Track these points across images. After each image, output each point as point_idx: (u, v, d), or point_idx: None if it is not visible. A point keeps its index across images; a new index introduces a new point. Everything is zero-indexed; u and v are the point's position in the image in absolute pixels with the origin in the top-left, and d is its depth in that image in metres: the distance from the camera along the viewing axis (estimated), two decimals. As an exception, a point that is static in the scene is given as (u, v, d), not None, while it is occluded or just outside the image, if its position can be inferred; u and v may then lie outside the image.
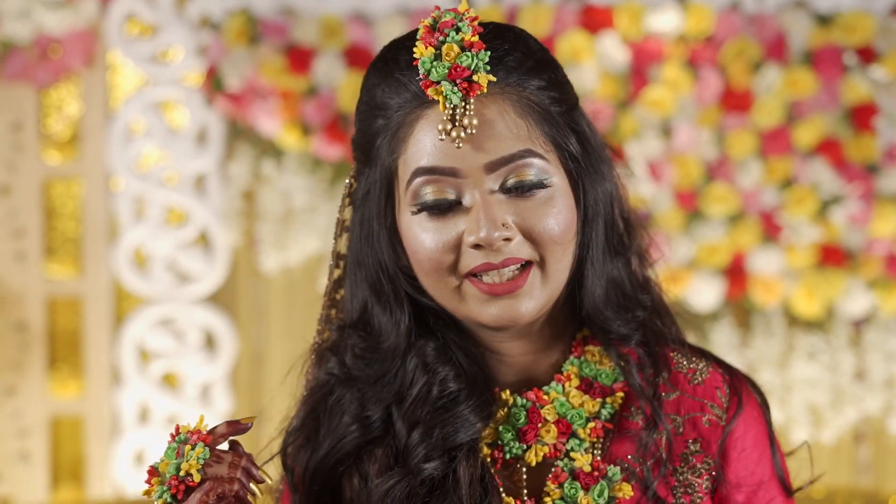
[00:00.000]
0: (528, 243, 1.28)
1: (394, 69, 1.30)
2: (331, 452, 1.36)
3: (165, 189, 3.61)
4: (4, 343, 3.64)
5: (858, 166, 3.44)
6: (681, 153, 3.46)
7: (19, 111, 3.65)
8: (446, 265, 1.28)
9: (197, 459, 1.20)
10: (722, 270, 3.49)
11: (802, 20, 3.45)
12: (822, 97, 3.44)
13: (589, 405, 1.35)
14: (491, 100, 1.26)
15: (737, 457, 1.36)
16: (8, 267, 3.65)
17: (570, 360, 1.37)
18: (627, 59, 3.45)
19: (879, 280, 3.46)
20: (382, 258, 1.35)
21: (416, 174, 1.27)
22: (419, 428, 1.31)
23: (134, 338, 3.63)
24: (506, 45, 1.29)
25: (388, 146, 1.31)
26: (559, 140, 1.30)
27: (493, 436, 1.35)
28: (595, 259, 1.34)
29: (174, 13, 3.58)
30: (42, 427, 3.67)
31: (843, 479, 3.62)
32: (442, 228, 1.28)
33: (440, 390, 1.33)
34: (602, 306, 1.35)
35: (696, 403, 1.36)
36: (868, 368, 3.52)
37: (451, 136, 1.23)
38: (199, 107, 3.58)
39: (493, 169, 1.26)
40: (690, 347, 1.42)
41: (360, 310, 1.38)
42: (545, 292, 1.29)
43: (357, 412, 1.35)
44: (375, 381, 1.35)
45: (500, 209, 1.26)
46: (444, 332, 1.36)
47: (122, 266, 3.61)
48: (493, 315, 1.29)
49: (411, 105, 1.28)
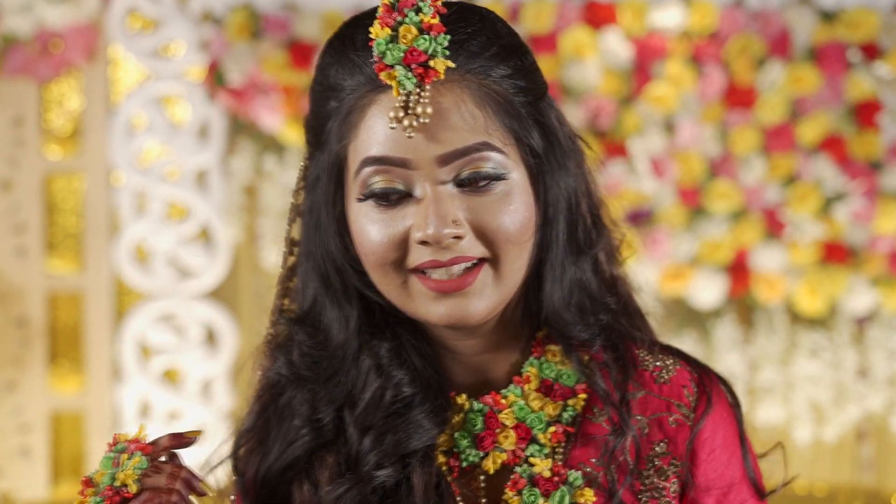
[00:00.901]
0: (480, 241, 1.19)
1: (349, 49, 1.22)
2: (280, 457, 1.28)
3: (167, 184, 3.60)
4: (5, 338, 3.63)
5: (862, 163, 3.44)
6: (684, 149, 3.45)
7: (20, 106, 3.64)
8: (392, 260, 1.20)
9: (134, 469, 1.14)
10: (725, 267, 3.48)
11: (806, 16, 3.44)
12: (825, 94, 3.43)
13: (549, 408, 1.26)
14: (448, 87, 1.18)
15: (706, 458, 1.28)
16: (9, 262, 3.64)
17: (529, 361, 1.28)
18: (631, 55, 3.45)
19: (883, 277, 3.46)
20: (331, 249, 1.26)
21: (364, 163, 1.19)
22: (371, 434, 1.23)
23: (135, 333, 3.63)
24: (469, 28, 1.20)
25: (339, 131, 1.22)
26: (520, 133, 1.21)
27: (449, 443, 1.26)
28: (555, 260, 1.25)
29: (176, 8, 3.57)
30: (43, 422, 3.67)
31: (845, 476, 3.61)
32: (389, 221, 1.19)
33: (394, 395, 1.24)
34: (561, 310, 1.26)
35: (663, 403, 1.28)
36: (871, 366, 3.51)
37: (402, 124, 1.15)
38: (200, 102, 3.57)
39: (446, 161, 1.17)
40: (660, 346, 1.33)
41: (309, 303, 1.30)
42: (497, 292, 1.21)
43: (307, 414, 1.27)
44: (326, 381, 1.27)
45: (452, 204, 1.18)
46: (397, 329, 1.27)
47: (123, 261, 3.61)
48: (442, 314, 1.20)
49: (365, 88, 1.20)
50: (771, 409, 3.52)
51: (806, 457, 3.61)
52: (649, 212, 3.46)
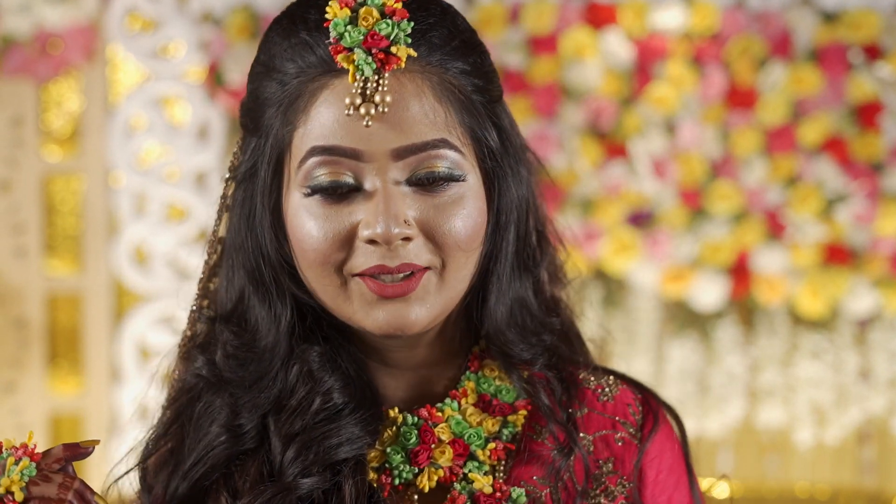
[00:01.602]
0: (429, 246, 1.12)
1: (300, 28, 1.13)
2: (196, 465, 1.17)
3: (166, 185, 3.59)
4: (4, 339, 3.62)
5: (863, 164, 3.43)
6: (685, 151, 3.44)
7: (19, 106, 3.63)
8: (334, 261, 1.12)
9: (20, 475, 1.04)
10: (726, 269, 3.48)
11: (808, 17, 3.44)
12: (827, 95, 3.42)
13: (488, 424, 1.20)
14: (409, 78, 1.10)
15: (654, 478, 1.23)
16: (8, 263, 3.64)
17: (466, 375, 1.21)
18: (632, 56, 3.44)
19: (884, 279, 3.45)
20: (264, 243, 1.17)
21: (311, 153, 1.11)
22: (296, 442, 1.14)
23: (134, 335, 3.62)
24: (431, 18, 1.13)
25: (284, 116, 1.13)
26: (478, 132, 1.15)
27: (381, 458, 1.18)
28: (502, 274, 1.19)
29: (176, 8, 3.56)
30: (41, 424, 3.66)
31: (846, 479, 3.60)
32: (334, 217, 1.11)
33: (323, 401, 1.16)
34: (504, 327, 1.19)
35: (607, 421, 1.23)
36: (872, 368, 3.51)
37: (359, 111, 1.07)
38: (200, 102, 3.56)
39: (401, 156, 1.10)
40: (601, 369, 1.28)
41: (235, 301, 1.21)
42: (440, 301, 1.14)
43: (227, 420, 1.18)
44: (251, 385, 1.18)
45: (404, 203, 1.11)
46: (330, 333, 1.19)
47: (122, 262, 3.60)
48: (380, 321, 1.12)
49: (316, 71, 1.11)
50: (772, 411, 3.52)
51: (807, 459, 3.60)
52: (650, 213, 3.45)
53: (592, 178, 3.42)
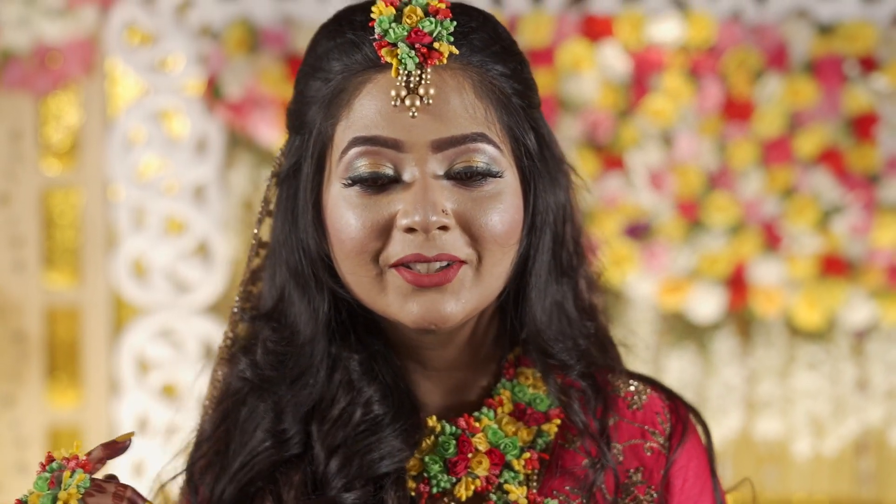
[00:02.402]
0: (466, 239, 1.14)
1: (346, 29, 1.17)
2: (242, 470, 1.21)
3: (165, 198, 3.60)
4: (3, 353, 3.63)
5: (859, 176, 3.44)
6: (682, 163, 3.45)
7: (18, 120, 3.64)
8: (371, 250, 1.14)
9: (77, 488, 1.06)
10: (723, 280, 3.48)
11: (803, 29, 3.45)
12: (823, 106, 3.43)
13: (523, 433, 1.22)
14: (450, 74, 1.13)
15: (680, 486, 1.24)
16: (6, 276, 3.64)
17: (501, 383, 1.24)
18: (628, 69, 3.45)
19: (881, 290, 3.46)
20: (305, 237, 1.20)
21: (353, 143, 1.13)
22: (339, 454, 1.17)
23: (133, 347, 3.62)
24: (473, 22, 1.17)
25: (326, 110, 1.16)
26: (517, 132, 1.18)
27: (419, 467, 1.20)
28: (540, 273, 1.21)
29: (174, 22, 3.57)
30: (40, 437, 3.66)
31: (844, 489, 3.61)
32: (373, 206, 1.13)
33: (364, 412, 1.18)
34: (543, 328, 1.21)
35: (637, 430, 1.25)
36: (870, 379, 3.51)
37: (404, 103, 1.10)
38: (198, 115, 3.57)
39: (440, 148, 1.13)
40: (628, 372, 1.30)
41: (276, 298, 1.24)
42: (475, 295, 1.15)
43: (271, 426, 1.21)
44: (292, 382, 1.21)
45: (442, 194, 1.13)
46: (368, 339, 1.22)
47: (121, 275, 3.60)
48: (414, 313, 1.14)
49: (360, 67, 1.14)
50: (770, 422, 3.52)
51: (805, 470, 3.60)
52: (647, 225, 3.46)
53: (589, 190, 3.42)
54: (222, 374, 1.29)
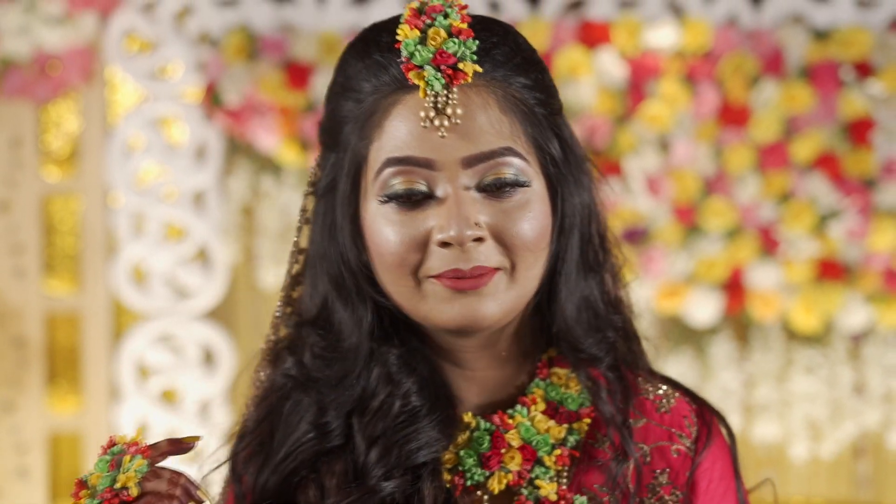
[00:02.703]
0: (499, 248, 1.20)
1: (373, 50, 1.23)
2: (286, 460, 1.27)
3: (164, 205, 3.61)
4: (3, 359, 3.64)
5: (856, 181, 3.45)
6: (679, 168, 3.46)
7: (18, 127, 3.66)
8: (410, 264, 1.20)
9: (136, 472, 1.12)
10: (720, 285, 3.49)
11: (800, 35, 3.46)
12: (819, 112, 3.44)
13: (555, 431, 1.27)
14: (475, 91, 1.20)
15: (705, 488, 1.30)
16: (7, 283, 3.65)
17: (535, 382, 1.30)
18: (625, 75, 3.46)
19: (878, 294, 3.47)
20: (345, 251, 1.26)
21: (387, 164, 1.20)
22: (379, 444, 1.24)
23: (133, 353, 3.63)
24: (494, 37, 1.23)
25: (360, 131, 1.23)
26: (541, 142, 1.24)
27: (454, 461, 1.26)
28: (568, 273, 1.28)
29: (173, 29, 3.59)
30: (41, 443, 3.67)
31: (842, 493, 3.61)
32: (409, 223, 1.20)
33: (402, 404, 1.25)
34: (574, 324, 1.28)
35: (664, 432, 1.30)
36: (867, 383, 3.52)
37: (433, 124, 1.16)
38: (198, 123, 3.58)
39: (470, 164, 1.19)
40: (657, 375, 1.36)
41: (319, 305, 1.30)
42: (510, 298, 1.22)
43: (315, 418, 1.27)
44: (336, 384, 1.27)
45: (474, 207, 1.19)
46: (406, 336, 1.28)
47: (120, 282, 3.62)
48: (453, 315, 1.20)
49: (389, 89, 1.21)
50: (767, 426, 3.53)
51: (803, 474, 3.61)
52: (644, 230, 3.47)
53: (587, 195, 3.43)
54: (265, 373, 1.34)
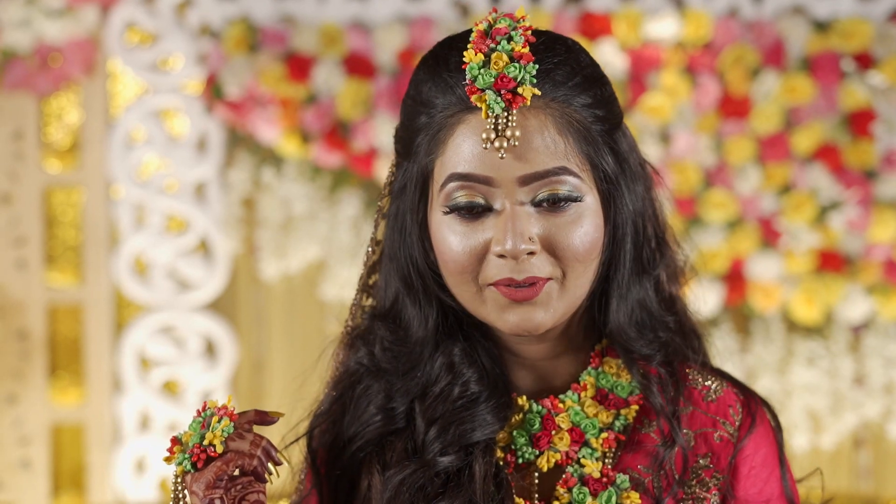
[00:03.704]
0: (551, 259, 1.28)
1: (442, 69, 1.31)
2: (354, 439, 1.38)
3: (166, 197, 3.62)
4: (5, 351, 3.65)
5: (857, 172, 3.45)
6: (679, 159, 3.46)
7: (20, 120, 3.66)
8: (470, 271, 1.30)
9: (222, 431, 1.25)
10: (721, 276, 3.50)
11: (800, 26, 3.46)
12: (820, 103, 3.44)
13: (603, 416, 1.37)
14: (533, 113, 1.27)
15: (746, 473, 1.37)
16: (9, 275, 3.66)
17: (587, 371, 1.39)
18: (626, 66, 3.46)
19: (878, 285, 3.47)
20: (413, 253, 1.36)
21: (450, 178, 1.29)
22: (437, 424, 1.34)
23: (134, 345, 3.64)
24: (556, 58, 1.30)
25: (428, 145, 1.32)
26: (595, 159, 1.31)
27: (507, 440, 1.37)
28: (621, 280, 1.35)
29: (174, 21, 3.59)
30: (43, 435, 3.68)
31: (842, 484, 3.62)
32: (470, 233, 1.29)
33: (462, 390, 1.35)
34: (626, 326, 1.36)
35: (709, 419, 1.38)
36: (867, 374, 3.52)
37: (494, 145, 1.23)
38: (198, 115, 3.59)
39: (526, 182, 1.27)
40: (710, 368, 1.44)
41: (391, 301, 1.40)
42: (562, 305, 1.30)
43: (382, 403, 1.38)
44: (403, 374, 1.38)
45: (528, 222, 1.27)
46: (469, 331, 1.38)
47: (122, 274, 3.62)
48: (511, 323, 1.30)
49: (455, 108, 1.29)
50: (768, 417, 3.53)
51: (803, 465, 3.61)
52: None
53: (588, 187, 3.44)
54: (343, 357, 1.45)
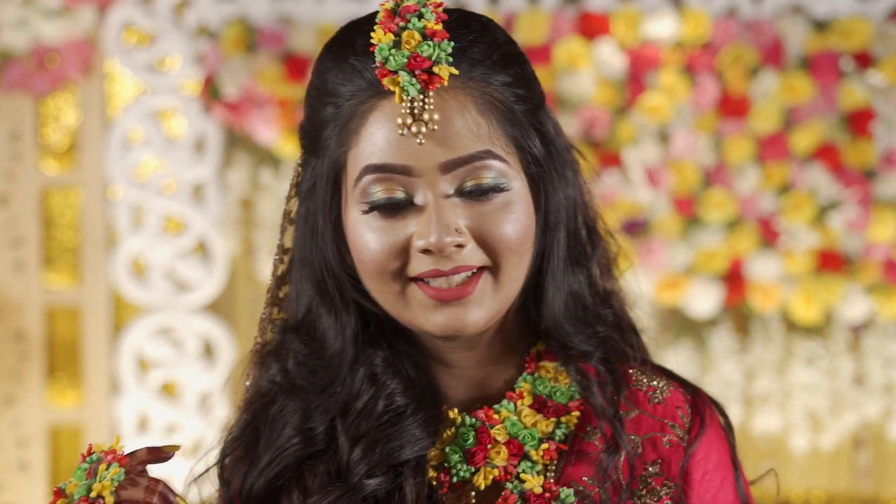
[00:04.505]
0: (481, 249, 1.18)
1: (348, 53, 1.19)
2: (270, 465, 1.25)
3: (163, 198, 3.61)
4: (3, 352, 3.64)
5: (856, 171, 3.45)
6: (678, 159, 3.46)
7: (17, 121, 3.66)
8: (391, 269, 1.18)
9: (111, 480, 1.10)
10: (720, 276, 3.49)
11: (799, 26, 3.45)
12: (819, 102, 3.44)
13: (542, 425, 1.25)
14: (451, 94, 1.16)
15: (699, 479, 1.26)
16: (6, 276, 3.65)
17: (523, 377, 1.27)
18: (624, 66, 3.46)
19: (878, 285, 3.46)
20: (327, 256, 1.24)
21: (365, 171, 1.17)
22: (362, 443, 1.22)
23: (132, 346, 3.63)
24: (471, 35, 1.19)
25: (338, 137, 1.20)
26: (522, 141, 1.20)
27: (440, 457, 1.24)
28: (556, 270, 1.25)
29: (171, 22, 3.58)
30: (41, 436, 3.67)
31: (842, 484, 3.61)
32: (390, 229, 1.18)
33: (386, 404, 1.23)
34: (562, 320, 1.25)
35: (656, 423, 1.27)
36: (867, 374, 3.52)
37: (411, 130, 1.13)
38: (196, 115, 3.58)
39: (449, 169, 1.16)
40: (652, 366, 1.33)
41: (304, 311, 1.28)
42: (496, 301, 1.20)
43: (299, 423, 1.25)
44: (321, 391, 1.25)
45: (454, 213, 1.17)
46: (392, 339, 1.26)
47: (120, 275, 3.61)
48: (439, 323, 1.19)
49: (365, 94, 1.18)
50: (767, 417, 3.53)
51: (803, 465, 3.61)
52: (644, 221, 3.47)
53: (586, 187, 3.43)
54: (253, 377, 1.33)
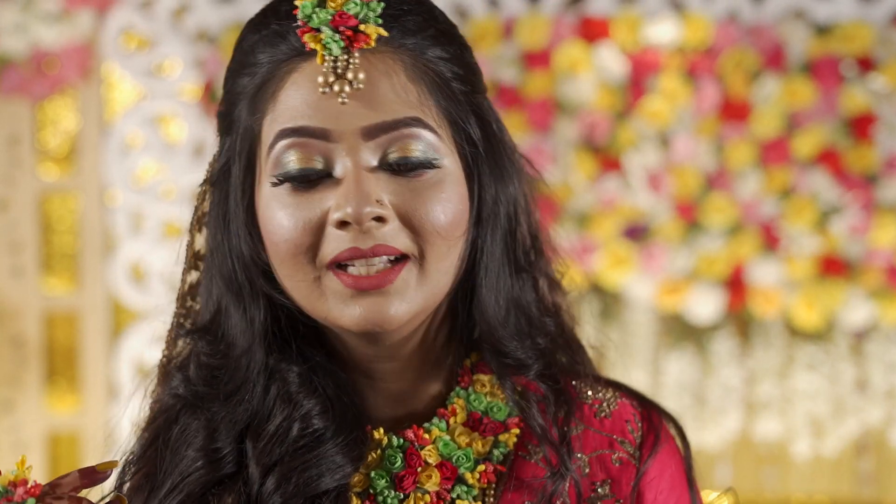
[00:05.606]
0: (406, 232, 1.06)
1: (271, 20, 1.09)
2: (171, 494, 1.10)
3: (163, 203, 3.60)
4: (2, 358, 3.63)
5: (858, 176, 3.44)
6: (679, 164, 3.45)
7: (15, 126, 3.64)
8: (305, 248, 1.06)
9: None
10: (722, 281, 3.48)
11: (801, 30, 3.45)
12: (820, 107, 3.43)
13: (478, 445, 1.13)
14: (379, 58, 1.06)
15: (652, 499, 1.16)
16: (5, 282, 3.64)
17: (455, 392, 1.15)
18: (625, 70, 3.45)
19: (880, 290, 3.45)
20: (238, 242, 1.12)
21: (280, 136, 1.06)
22: (275, 472, 1.07)
23: (131, 352, 3.62)
24: (405, 5, 1.09)
25: (252, 105, 1.09)
26: (456, 117, 1.09)
27: (364, 483, 1.11)
28: (490, 267, 1.12)
29: (171, 26, 3.57)
30: (39, 442, 3.66)
31: (844, 490, 3.60)
32: (304, 204, 1.06)
33: (302, 427, 1.09)
34: (497, 325, 1.13)
35: (604, 439, 1.16)
36: (869, 379, 3.51)
37: (333, 89, 1.03)
38: (196, 120, 3.57)
39: (371, 135, 1.05)
40: (598, 378, 1.21)
41: (213, 312, 1.15)
42: (420, 294, 1.07)
43: (203, 443, 1.11)
44: (227, 397, 1.12)
45: (377, 185, 1.05)
46: (309, 351, 1.13)
47: (119, 280, 3.60)
48: (356, 316, 1.06)
49: (285, 56, 1.07)
50: (769, 423, 3.52)
51: (805, 471, 3.60)
52: (645, 227, 3.46)
53: (587, 192, 3.43)
54: (156, 393, 1.21)
